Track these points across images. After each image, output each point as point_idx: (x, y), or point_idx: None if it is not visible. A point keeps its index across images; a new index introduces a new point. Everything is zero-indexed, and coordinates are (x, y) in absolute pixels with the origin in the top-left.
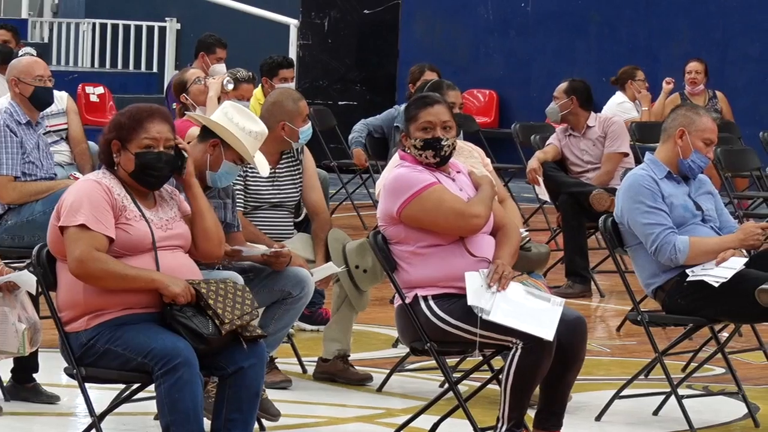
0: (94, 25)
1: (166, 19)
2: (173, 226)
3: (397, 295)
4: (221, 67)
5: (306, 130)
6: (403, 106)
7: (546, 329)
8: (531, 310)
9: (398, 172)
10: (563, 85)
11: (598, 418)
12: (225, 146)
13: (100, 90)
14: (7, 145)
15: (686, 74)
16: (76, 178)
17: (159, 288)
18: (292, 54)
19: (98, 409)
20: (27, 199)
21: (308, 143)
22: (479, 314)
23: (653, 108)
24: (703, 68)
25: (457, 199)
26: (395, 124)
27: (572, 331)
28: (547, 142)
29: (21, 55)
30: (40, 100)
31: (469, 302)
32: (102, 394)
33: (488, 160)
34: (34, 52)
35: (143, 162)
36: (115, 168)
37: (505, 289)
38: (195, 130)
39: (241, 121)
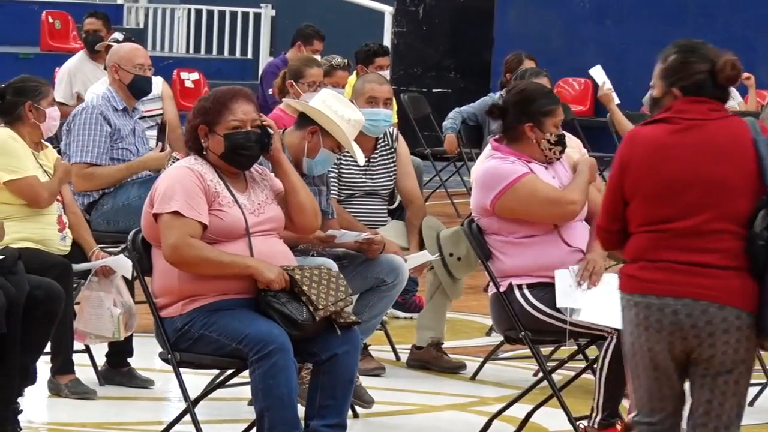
0: (189, 10)
1: (261, 5)
2: (265, 209)
3: (491, 284)
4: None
5: (370, 113)
6: (497, 94)
7: None
8: None
9: (489, 165)
10: None
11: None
12: (323, 133)
13: (195, 76)
14: (96, 133)
15: None
16: (180, 157)
17: (254, 274)
18: (387, 41)
19: (192, 394)
20: (104, 185)
21: (402, 131)
22: (568, 315)
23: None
24: None
25: (551, 188)
26: None
27: None
28: None
29: (110, 41)
30: (138, 88)
31: (559, 304)
32: (196, 379)
33: (585, 151)
34: (121, 37)
35: (233, 143)
36: (204, 153)
37: (595, 286)
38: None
39: (339, 108)
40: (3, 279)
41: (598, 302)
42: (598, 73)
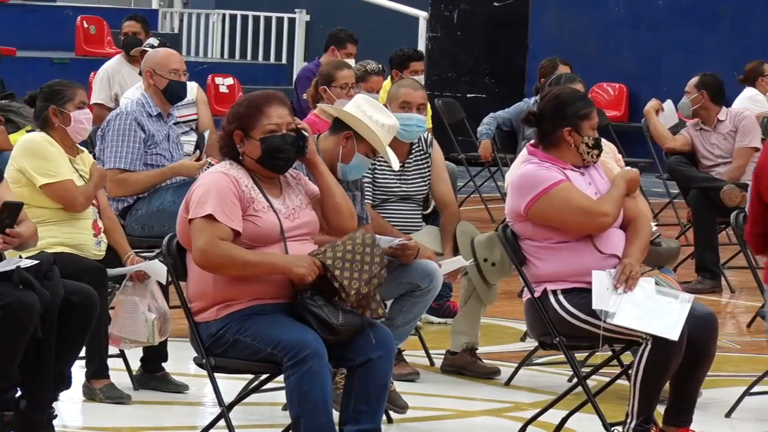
0: (224, 16)
1: (296, 10)
2: (300, 214)
3: (525, 289)
4: (350, 63)
5: (403, 118)
6: (532, 99)
7: (671, 329)
8: (657, 311)
9: (526, 170)
10: (694, 80)
11: (728, 414)
12: (358, 139)
13: (230, 81)
14: (130, 139)
15: None
16: (214, 163)
17: (283, 272)
18: (421, 46)
19: (227, 399)
20: (137, 191)
21: (436, 136)
22: (603, 318)
23: None
24: None
25: (585, 197)
26: None
27: (703, 327)
28: (678, 134)
29: (145, 46)
30: (173, 94)
31: (594, 306)
32: (230, 384)
33: (620, 156)
34: (156, 43)
35: (269, 146)
36: (241, 158)
37: (632, 290)
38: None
39: (374, 113)
40: (38, 284)
41: (634, 307)
42: (669, 107)
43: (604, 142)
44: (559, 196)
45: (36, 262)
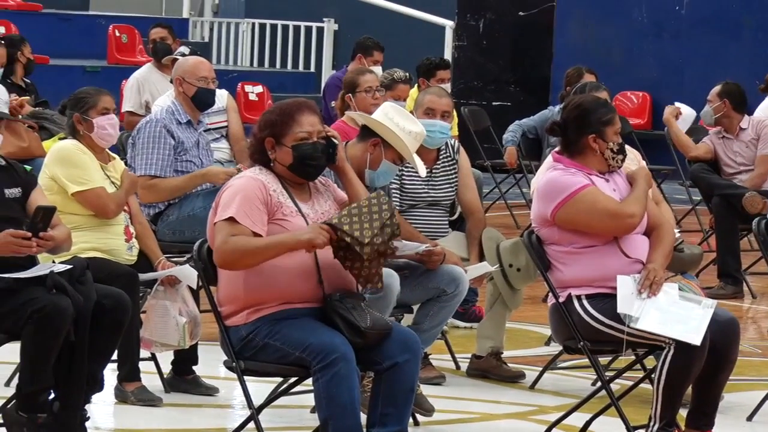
0: (253, 24)
1: (324, 19)
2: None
3: (550, 294)
4: (377, 70)
5: (426, 124)
6: (557, 108)
7: (694, 334)
8: (680, 316)
9: (551, 176)
10: (717, 88)
11: (750, 418)
12: (385, 146)
13: (259, 89)
14: (160, 146)
15: None
16: (244, 169)
17: (294, 247)
18: (447, 55)
19: (256, 402)
20: (167, 197)
21: (462, 143)
22: (627, 322)
23: None
24: None
25: (611, 200)
26: None
27: (725, 332)
28: (701, 142)
29: (176, 54)
30: (201, 101)
31: (619, 310)
32: (260, 387)
33: (644, 163)
34: (187, 51)
35: (301, 153)
36: (272, 165)
37: (655, 295)
38: None
39: (401, 121)
40: (72, 288)
41: (658, 312)
42: (684, 109)
43: (628, 148)
44: (585, 200)
45: (69, 266)
